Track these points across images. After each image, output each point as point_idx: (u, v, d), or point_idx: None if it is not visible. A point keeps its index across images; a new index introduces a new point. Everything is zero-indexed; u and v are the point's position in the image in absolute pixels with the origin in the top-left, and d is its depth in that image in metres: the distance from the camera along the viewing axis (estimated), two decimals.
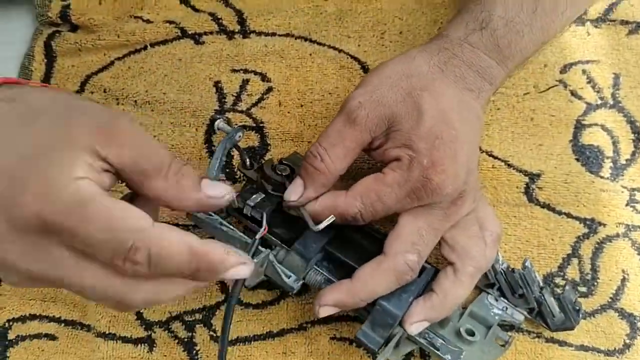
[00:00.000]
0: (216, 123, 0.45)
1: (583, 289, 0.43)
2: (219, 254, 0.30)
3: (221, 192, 0.33)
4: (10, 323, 0.45)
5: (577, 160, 0.47)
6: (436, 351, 0.38)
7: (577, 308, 0.40)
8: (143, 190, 0.30)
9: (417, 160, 0.36)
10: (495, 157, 0.47)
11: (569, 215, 0.45)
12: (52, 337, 0.45)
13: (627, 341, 0.41)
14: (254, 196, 0.41)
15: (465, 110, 0.38)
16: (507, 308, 0.41)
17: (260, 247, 0.39)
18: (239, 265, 0.31)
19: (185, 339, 0.44)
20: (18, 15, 0.58)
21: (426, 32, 0.54)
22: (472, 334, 0.39)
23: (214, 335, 0.44)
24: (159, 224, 0.28)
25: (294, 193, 0.39)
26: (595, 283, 0.43)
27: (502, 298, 0.41)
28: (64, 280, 0.27)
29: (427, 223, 0.37)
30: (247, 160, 0.44)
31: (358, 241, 0.41)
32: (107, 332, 0.44)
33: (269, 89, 0.53)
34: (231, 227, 0.40)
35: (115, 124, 0.29)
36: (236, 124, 0.51)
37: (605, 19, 0.53)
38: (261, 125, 0.51)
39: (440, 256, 0.40)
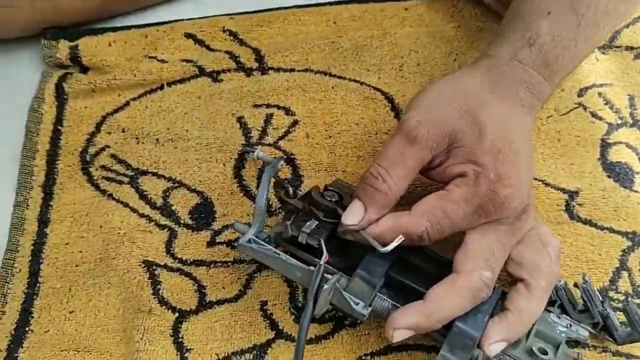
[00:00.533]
0: (256, 152, 0.44)
1: (638, 301, 0.43)
2: None
3: None
4: None
5: (609, 177, 0.48)
6: None
7: None
8: None
9: (483, 174, 0.36)
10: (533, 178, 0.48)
11: (611, 230, 0.46)
12: None
13: None
14: (307, 223, 0.39)
15: (520, 125, 0.38)
16: (571, 325, 0.40)
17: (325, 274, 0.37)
18: None
19: None
20: (24, 58, 0.56)
21: (443, 63, 0.56)
22: (545, 352, 0.38)
23: None
24: None
25: (353, 216, 0.37)
26: None
27: (564, 315, 0.41)
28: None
29: (496, 239, 0.36)
30: (290, 189, 0.43)
31: (418, 264, 0.39)
32: None
33: (295, 122, 0.52)
34: (288, 256, 0.39)
35: None
36: None
37: (611, 46, 0.55)
38: (292, 157, 0.50)
39: (506, 275, 0.39)
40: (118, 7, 0.57)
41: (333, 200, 0.41)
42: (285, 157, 0.50)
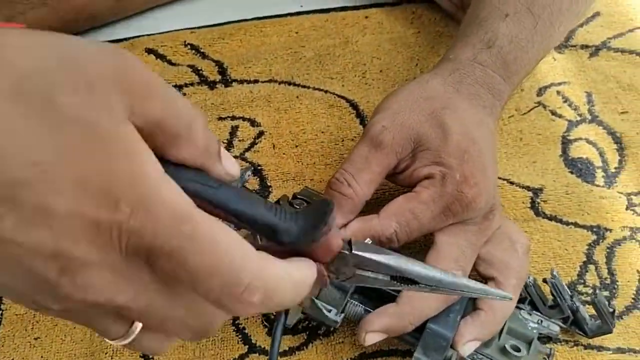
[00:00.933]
0: None
1: (606, 293, 0.43)
2: (312, 276, 0.24)
3: (235, 168, 0.26)
4: None
5: (571, 172, 0.49)
6: None
7: (612, 310, 0.40)
8: (165, 157, 0.22)
9: (450, 175, 0.36)
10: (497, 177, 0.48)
11: (576, 224, 0.46)
12: None
13: None
14: None
15: (483, 126, 0.39)
16: (542, 321, 0.41)
17: None
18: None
19: None
20: None
21: (405, 69, 0.56)
22: (518, 350, 0.38)
23: None
24: (264, 254, 0.23)
25: None
26: (616, 286, 0.44)
27: (534, 311, 0.41)
28: (149, 309, 0.22)
29: (464, 239, 0.37)
30: None
31: None
32: None
33: (260, 133, 0.52)
34: None
35: (132, 72, 0.21)
36: None
37: (567, 45, 0.57)
38: (259, 168, 0.49)
39: (477, 274, 0.39)
40: (76, 26, 0.56)
41: (301, 208, 0.41)
42: (252, 167, 0.49)
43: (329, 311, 0.36)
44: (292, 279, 0.23)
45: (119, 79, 0.20)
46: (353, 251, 0.26)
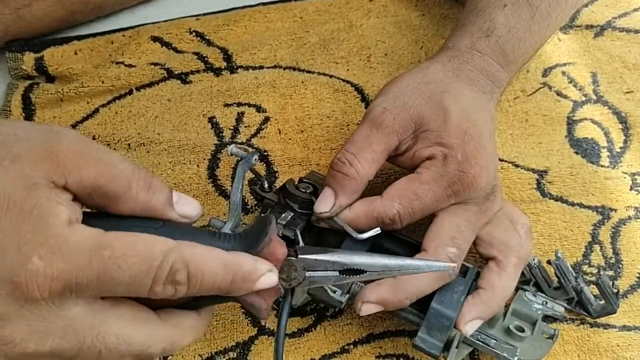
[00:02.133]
0: (229, 148, 0.44)
1: (610, 273, 0.44)
2: (250, 262, 0.27)
3: (194, 209, 0.29)
4: None
5: (577, 153, 0.49)
6: (493, 350, 0.37)
7: (616, 291, 0.40)
8: (109, 212, 0.27)
9: (451, 155, 0.36)
10: (502, 160, 0.49)
11: (581, 205, 0.47)
12: None
13: None
14: (283, 215, 0.40)
15: (482, 109, 0.39)
16: (546, 302, 0.41)
17: None
18: (268, 272, 0.28)
19: None
20: None
21: (409, 52, 0.56)
22: (522, 330, 0.39)
23: None
24: (179, 241, 0.26)
25: (324, 203, 0.38)
26: (620, 265, 0.44)
27: (539, 293, 0.41)
28: (85, 341, 0.24)
29: (464, 218, 0.37)
30: (266, 183, 0.43)
31: (394, 250, 0.40)
32: None
33: (266, 119, 0.52)
34: None
35: (61, 145, 0.25)
36: None
37: (572, 26, 0.57)
38: (265, 154, 0.50)
39: (478, 256, 0.39)
40: (82, 16, 0.57)
41: (308, 191, 0.41)
42: (258, 153, 0.50)
43: (334, 292, 0.37)
44: (222, 261, 0.26)
45: (47, 154, 0.25)
46: (299, 256, 0.29)
